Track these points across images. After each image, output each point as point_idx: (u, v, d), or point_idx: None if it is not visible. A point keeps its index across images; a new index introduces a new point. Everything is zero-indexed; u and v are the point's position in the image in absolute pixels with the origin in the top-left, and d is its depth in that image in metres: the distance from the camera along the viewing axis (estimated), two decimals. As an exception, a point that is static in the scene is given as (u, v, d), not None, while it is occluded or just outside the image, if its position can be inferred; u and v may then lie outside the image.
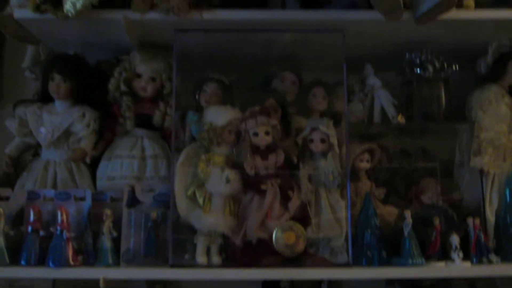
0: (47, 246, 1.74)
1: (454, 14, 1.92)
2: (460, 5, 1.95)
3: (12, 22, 1.98)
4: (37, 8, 1.87)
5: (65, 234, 1.73)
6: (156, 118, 2.05)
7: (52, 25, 1.95)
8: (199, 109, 2.02)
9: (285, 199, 1.82)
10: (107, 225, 1.79)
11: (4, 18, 2.02)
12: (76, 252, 1.76)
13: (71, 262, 1.73)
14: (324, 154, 1.91)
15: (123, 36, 1.99)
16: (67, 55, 2.10)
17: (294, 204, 1.82)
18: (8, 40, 2.40)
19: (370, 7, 1.85)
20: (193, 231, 1.80)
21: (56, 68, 2.03)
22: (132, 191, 1.87)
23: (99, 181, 2.01)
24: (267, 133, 1.85)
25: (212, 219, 1.78)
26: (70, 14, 1.84)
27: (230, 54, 2.11)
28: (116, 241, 1.80)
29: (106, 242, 1.78)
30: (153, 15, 1.90)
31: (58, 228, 1.74)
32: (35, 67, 2.27)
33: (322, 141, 1.91)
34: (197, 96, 2.06)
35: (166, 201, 1.84)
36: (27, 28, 2.01)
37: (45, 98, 2.08)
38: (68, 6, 1.84)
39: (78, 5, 1.83)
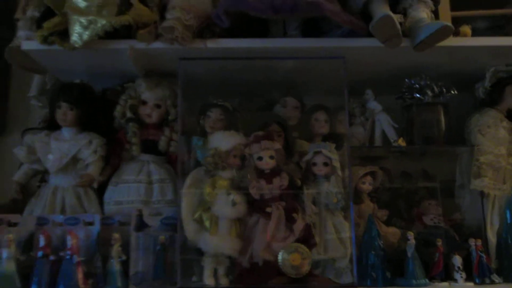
0: (57, 271, 1.75)
1: (451, 41, 1.97)
2: (457, 32, 2.00)
3: (19, 53, 2.02)
4: (44, 40, 1.91)
5: (75, 258, 1.75)
6: (162, 143, 2.09)
7: (59, 56, 1.99)
8: (204, 134, 2.04)
9: (290, 221, 1.84)
10: (115, 248, 1.80)
11: (11, 50, 2.07)
12: (86, 276, 1.77)
13: (81, 286, 1.74)
14: (327, 177, 1.93)
15: (128, 65, 2.03)
16: (73, 84, 2.13)
17: (298, 226, 1.84)
18: (14, 70, 2.45)
19: (369, 34, 1.90)
20: (200, 253, 1.82)
21: (62, 97, 2.06)
22: (140, 215, 1.89)
23: (106, 205, 2.03)
24: (271, 157, 1.88)
25: (219, 241, 1.80)
26: (77, 45, 1.88)
27: (234, 80, 2.14)
28: (125, 265, 1.82)
29: (115, 265, 1.79)
30: (158, 45, 1.94)
31: (68, 252, 1.75)
32: (42, 96, 2.31)
33: (325, 164, 1.93)
34: (201, 122, 2.09)
35: (173, 224, 1.87)
36: (34, 59, 2.04)
37: (52, 125, 2.11)
38: (74, 37, 1.88)
39: (85, 36, 1.87)
